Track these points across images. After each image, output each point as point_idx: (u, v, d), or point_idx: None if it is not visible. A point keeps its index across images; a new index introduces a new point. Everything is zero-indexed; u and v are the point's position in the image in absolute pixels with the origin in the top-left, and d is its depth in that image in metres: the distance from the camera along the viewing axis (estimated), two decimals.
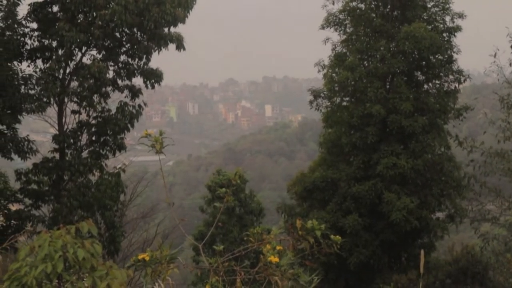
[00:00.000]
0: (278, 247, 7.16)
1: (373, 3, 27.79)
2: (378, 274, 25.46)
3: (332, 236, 7.48)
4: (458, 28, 27.03)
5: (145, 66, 24.82)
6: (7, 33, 22.42)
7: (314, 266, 20.95)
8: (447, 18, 27.20)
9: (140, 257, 6.74)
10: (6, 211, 22.73)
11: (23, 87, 22.43)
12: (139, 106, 24.87)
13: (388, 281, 21.93)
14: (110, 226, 23.53)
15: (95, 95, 23.86)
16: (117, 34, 23.81)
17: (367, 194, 25.35)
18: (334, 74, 27.30)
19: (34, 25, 23.41)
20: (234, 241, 31.65)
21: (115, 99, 24.72)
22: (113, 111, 24.37)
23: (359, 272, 25.59)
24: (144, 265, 6.70)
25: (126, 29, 23.71)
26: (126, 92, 24.98)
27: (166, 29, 24.16)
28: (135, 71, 24.83)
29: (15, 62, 22.50)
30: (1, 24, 22.44)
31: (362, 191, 25.42)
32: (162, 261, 6.78)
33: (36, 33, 23.39)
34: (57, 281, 5.64)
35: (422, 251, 17.80)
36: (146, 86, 25.11)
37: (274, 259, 6.96)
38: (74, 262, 5.56)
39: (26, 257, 5.69)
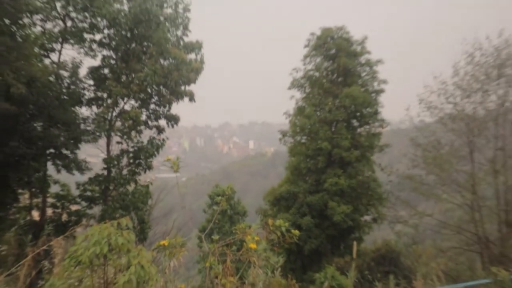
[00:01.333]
0: (256, 238, 7.16)
1: (324, 72, 28.08)
2: (324, 258, 25.35)
3: (292, 231, 7.49)
4: (382, 91, 27.31)
5: (168, 112, 24.94)
6: (72, 87, 22.43)
7: (280, 251, 20.89)
8: (375, 83, 27.48)
9: (161, 243, 6.72)
10: (68, 210, 22.63)
11: (82, 124, 22.38)
12: (163, 139, 24.93)
13: (330, 262, 21.82)
14: (140, 221, 23.40)
15: (133, 131, 23.84)
16: (149, 90, 23.89)
17: (317, 202, 25.40)
18: (296, 121, 27.51)
19: (91, 82, 23.47)
20: (226, 232, 31.43)
21: (147, 134, 24.75)
22: (145, 142, 24.42)
23: (311, 256, 25.49)
24: (164, 248, 6.68)
25: (155, 86, 23.81)
26: (154, 129, 25.05)
27: (182, 87, 24.35)
28: (161, 115, 24.97)
29: (77, 107, 22.52)
30: (68, 81, 22.44)
31: (314, 200, 25.48)
32: (176, 246, 6.75)
33: (92, 87, 23.42)
34: (103, 259, 5.61)
35: (354, 243, 17.73)
36: (168, 126, 25.21)
37: (253, 246, 6.96)
38: (115, 246, 5.53)
39: (82, 242, 5.66)
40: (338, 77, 27.70)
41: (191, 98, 24.68)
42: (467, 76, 24.97)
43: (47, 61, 21.69)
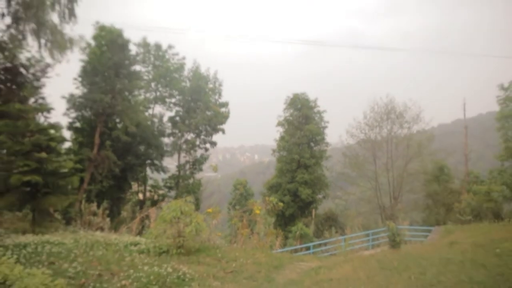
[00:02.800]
0: (259, 207, 7.21)
1: (295, 117, 27.28)
2: (296, 218, 24.83)
3: (279, 203, 7.54)
4: (326, 127, 26.73)
5: (210, 140, 24.87)
6: (159, 127, 22.63)
7: (272, 215, 20.67)
8: (322, 123, 26.78)
9: (208, 210, 6.79)
10: (158, 193, 22.49)
11: (165, 147, 22.46)
12: (208, 155, 24.79)
13: (300, 221, 21.42)
14: (196, 198, 23.14)
15: (191, 150, 23.86)
16: (200, 128, 23.93)
17: (292, 188, 24.97)
18: (280, 143, 27.26)
19: (169, 124, 23.59)
20: (242, 205, 30.81)
21: (199, 152, 24.62)
22: (198, 156, 24.30)
23: (289, 217, 24.96)
24: (209, 213, 6.75)
25: (203, 126, 23.90)
26: (203, 149, 24.92)
27: (218, 126, 24.38)
28: (207, 142, 24.85)
29: (162, 138, 22.63)
30: (157, 124, 22.66)
31: (291, 187, 25.01)
32: (216, 212, 6.84)
33: (170, 127, 23.54)
34: (177, 219, 5.71)
35: (313, 210, 17.46)
36: (210, 147, 25.09)
37: (258, 212, 6.99)
38: (184, 212, 5.62)
39: (165, 210, 5.76)
40: (302, 119, 27.49)
41: (223, 132, 24.74)
42: (371, 119, 25.30)
43: (146, 113, 21.99)
